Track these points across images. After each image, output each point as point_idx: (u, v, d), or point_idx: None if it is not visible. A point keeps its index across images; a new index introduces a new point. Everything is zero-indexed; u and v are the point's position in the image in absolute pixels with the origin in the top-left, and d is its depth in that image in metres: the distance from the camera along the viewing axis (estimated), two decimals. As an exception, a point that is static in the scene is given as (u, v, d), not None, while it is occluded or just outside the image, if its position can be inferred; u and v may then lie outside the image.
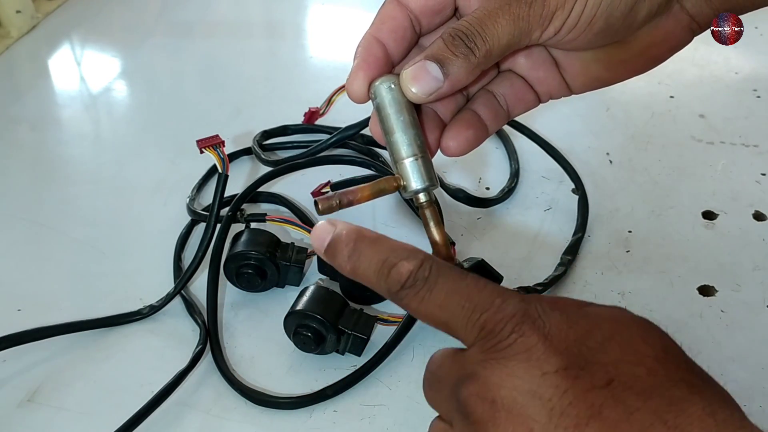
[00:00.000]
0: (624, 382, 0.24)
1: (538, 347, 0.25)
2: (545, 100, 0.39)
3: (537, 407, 0.25)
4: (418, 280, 0.28)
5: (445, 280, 0.28)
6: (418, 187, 0.34)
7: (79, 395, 0.46)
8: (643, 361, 0.25)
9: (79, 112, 0.76)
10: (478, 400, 0.26)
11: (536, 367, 0.25)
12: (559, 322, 0.26)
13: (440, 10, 0.35)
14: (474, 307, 0.27)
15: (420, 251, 0.29)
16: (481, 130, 0.37)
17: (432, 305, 0.28)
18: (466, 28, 0.32)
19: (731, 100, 0.74)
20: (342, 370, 0.47)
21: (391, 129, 0.34)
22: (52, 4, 0.89)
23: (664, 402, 0.24)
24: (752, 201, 0.61)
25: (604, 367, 0.25)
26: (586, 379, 0.25)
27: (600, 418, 0.24)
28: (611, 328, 0.26)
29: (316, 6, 0.94)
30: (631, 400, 0.24)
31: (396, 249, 0.29)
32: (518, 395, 0.25)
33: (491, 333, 0.26)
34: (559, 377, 0.25)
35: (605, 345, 0.25)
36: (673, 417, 0.23)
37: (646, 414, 0.24)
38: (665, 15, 0.34)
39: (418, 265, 0.29)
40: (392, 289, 0.29)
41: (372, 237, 0.30)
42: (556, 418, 0.24)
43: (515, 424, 0.25)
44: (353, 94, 0.35)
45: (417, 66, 0.32)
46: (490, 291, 0.28)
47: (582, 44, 0.34)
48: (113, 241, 0.58)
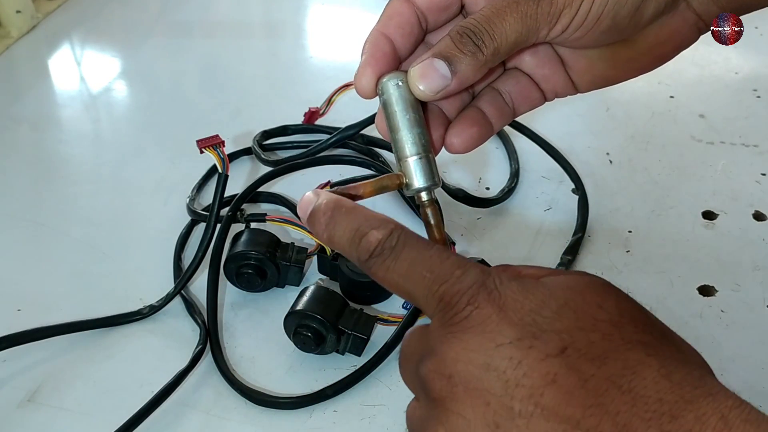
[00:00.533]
0: (578, 349, 0.24)
1: (492, 319, 0.25)
2: (551, 98, 0.39)
3: (492, 380, 0.25)
4: (385, 249, 0.28)
5: (410, 250, 0.28)
6: (421, 186, 0.34)
7: (79, 395, 0.46)
8: (598, 326, 0.25)
9: (79, 112, 0.76)
10: (436, 376, 0.26)
11: (490, 339, 0.25)
12: (515, 293, 0.26)
13: (447, 6, 0.35)
14: (434, 278, 0.27)
15: (391, 221, 0.29)
16: (486, 128, 0.37)
17: (396, 274, 0.28)
18: (474, 26, 0.32)
19: (731, 100, 0.74)
20: (342, 370, 0.47)
21: (396, 126, 0.34)
22: (52, 4, 0.89)
23: (619, 366, 0.24)
24: (752, 201, 0.61)
25: (558, 335, 0.25)
26: (539, 348, 0.25)
27: (555, 386, 0.24)
28: (566, 296, 0.26)
29: (316, 6, 0.94)
30: (586, 366, 0.24)
31: (369, 218, 0.29)
32: (473, 369, 0.25)
33: (449, 305, 0.26)
34: (512, 348, 0.25)
35: (560, 313, 0.25)
36: (627, 381, 0.23)
37: (600, 380, 0.24)
38: (672, 13, 0.34)
39: (387, 234, 0.29)
40: (361, 258, 0.29)
41: (348, 207, 0.30)
42: (512, 389, 0.24)
43: (472, 398, 0.25)
44: (361, 89, 0.35)
45: (425, 63, 0.32)
46: (452, 262, 0.27)
47: (589, 42, 0.34)
48: (113, 241, 0.58)
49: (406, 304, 0.52)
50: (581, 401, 0.23)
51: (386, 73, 0.34)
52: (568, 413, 0.24)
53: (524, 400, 0.24)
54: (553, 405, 0.24)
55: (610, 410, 0.23)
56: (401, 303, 0.52)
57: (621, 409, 0.23)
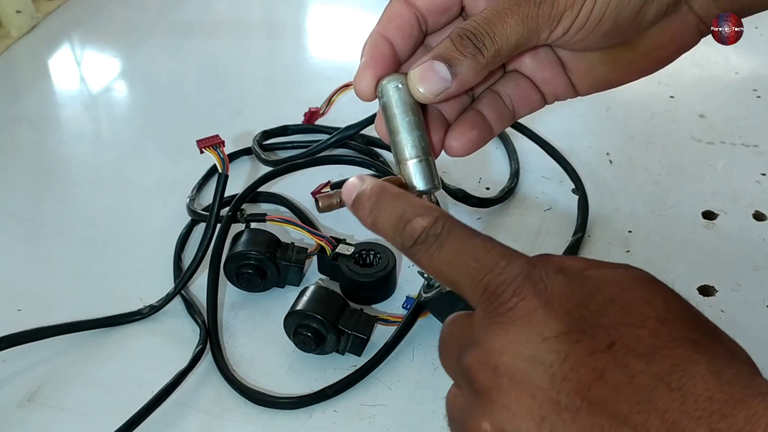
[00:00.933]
0: (626, 345, 0.24)
1: (538, 311, 0.25)
2: (551, 101, 0.39)
3: (539, 373, 0.25)
4: (430, 236, 0.28)
5: (455, 238, 0.28)
6: (421, 189, 0.34)
7: (79, 395, 0.46)
8: (646, 322, 0.25)
9: (79, 112, 0.76)
10: (480, 367, 0.26)
11: (536, 332, 0.25)
12: (561, 286, 0.26)
13: (447, 8, 0.35)
14: (479, 267, 0.27)
15: (437, 209, 0.29)
16: (486, 131, 0.37)
17: (441, 262, 0.28)
18: (475, 28, 0.32)
19: (731, 100, 0.74)
20: (342, 370, 0.47)
21: (396, 129, 0.34)
22: (52, 4, 0.89)
23: (667, 363, 0.23)
24: (752, 201, 0.61)
25: (605, 330, 0.24)
26: (587, 343, 0.24)
27: (602, 382, 0.24)
28: (612, 291, 0.26)
29: (316, 6, 0.94)
30: (633, 362, 0.24)
31: (414, 205, 0.29)
32: (519, 362, 0.25)
33: (493, 295, 0.26)
34: (559, 342, 0.25)
35: (606, 308, 0.25)
36: (676, 378, 0.23)
37: (648, 377, 0.23)
38: (673, 16, 0.34)
39: (432, 221, 0.28)
40: (406, 244, 0.29)
41: (393, 193, 0.30)
42: (558, 383, 0.24)
43: (518, 390, 0.25)
44: (360, 92, 0.35)
45: (425, 66, 0.32)
46: (497, 252, 0.27)
47: (590, 45, 0.34)
48: (113, 241, 0.58)
49: (406, 304, 0.52)
50: (629, 397, 0.23)
51: (386, 75, 0.34)
52: (615, 409, 0.23)
53: (571, 395, 0.24)
54: (601, 400, 0.23)
55: (659, 407, 0.23)
56: (401, 303, 0.52)
57: (670, 407, 0.23)
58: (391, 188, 0.31)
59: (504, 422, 0.25)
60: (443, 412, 0.44)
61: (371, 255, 0.52)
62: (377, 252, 0.52)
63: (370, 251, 0.52)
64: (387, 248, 0.52)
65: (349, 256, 0.51)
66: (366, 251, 0.52)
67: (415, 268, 0.54)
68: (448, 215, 0.29)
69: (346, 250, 0.51)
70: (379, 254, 0.52)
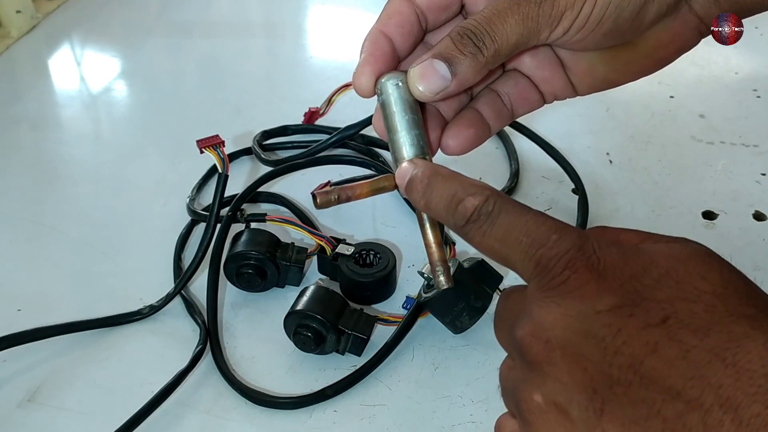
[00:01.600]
0: (680, 320, 0.24)
1: (590, 285, 0.25)
2: (550, 100, 0.39)
3: (591, 346, 0.24)
4: (482, 214, 0.29)
5: (506, 215, 0.28)
6: None
7: (79, 395, 0.46)
8: (701, 297, 0.24)
9: (79, 112, 0.76)
10: (533, 340, 0.26)
11: (589, 305, 0.25)
12: (614, 259, 0.26)
13: (447, 6, 0.35)
14: (531, 242, 0.27)
15: (488, 187, 0.30)
16: (483, 130, 0.37)
17: (493, 239, 0.28)
18: (475, 27, 0.32)
19: (731, 100, 0.74)
20: (342, 370, 0.47)
21: (394, 127, 0.34)
22: (52, 4, 0.89)
23: (722, 339, 0.23)
24: (752, 201, 0.61)
25: (659, 305, 0.24)
26: (640, 317, 0.24)
27: (655, 356, 0.23)
28: (668, 265, 0.25)
29: (316, 6, 0.94)
30: (688, 337, 0.23)
31: (465, 185, 0.30)
32: (572, 334, 0.25)
33: (545, 269, 0.26)
34: (612, 315, 0.24)
35: (661, 282, 0.25)
36: (731, 354, 0.23)
37: (703, 352, 0.23)
38: (673, 16, 0.34)
39: (483, 200, 0.29)
40: (458, 224, 0.29)
41: (445, 174, 0.31)
42: (611, 356, 0.24)
43: (570, 363, 0.25)
44: (359, 88, 0.35)
45: (425, 64, 0.32)
46: (549, 226, 0.27)
47: (590, 45, 0.34)
48: (113, 241, 0.58)
49: (406, 304, 0.52)
50: (682, 372, 0.23)
51: (385, 72, 0.34)
52: (668, 383, 0.23)
53: (623, 368, 0.24)
54: (654, 374, 0.23)
55: (713, 382, 0.22)
56: (401, 303, 0.52)
57: (724, 382, 0.22)
58: (443, 170, 0.31)
59: (556, 394, 0.25)
60: (443, 411, 0.45)
61: (371, 255, 0.52)
62: (377, 252, 0.52)
63: (370, 251, 0.52)
64: (387, 248, 0.52)
65: (349, 256, 0.51)
66: (366, 251, 0.52)
67: (415, 268, 0.54)
68: (499, 193, 0.29)
69: (346, 250, 0.51)
70: (379, 254, 0.52)
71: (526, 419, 0.26)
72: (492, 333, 0.50)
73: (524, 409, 0.26)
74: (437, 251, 0.34)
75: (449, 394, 0.46)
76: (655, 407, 0.23)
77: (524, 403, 0.26)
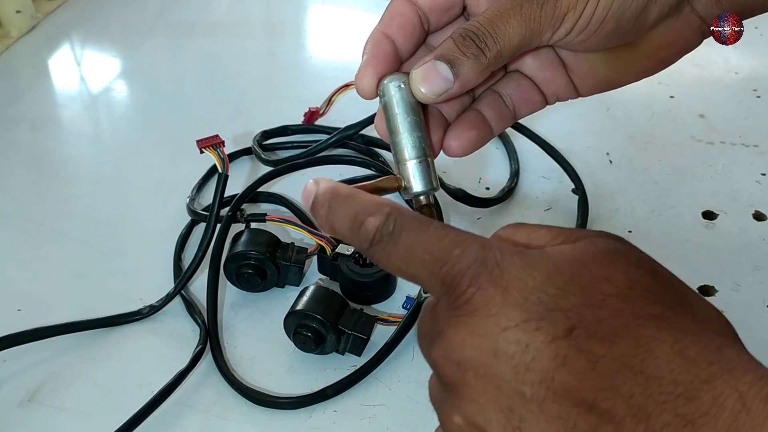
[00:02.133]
0: (587, 329, 0.23)
1: (495, 300, 0.25)
2: (552, 101, 0.39)
3: (501, 365, 0.24)
4: (384, 235, 0.27)
5: (408, 234, 0.27)
6: (420, 190, 0.34)
7: (79, 395, 0.46)
8: (606, 301, 0.24)
9: (79, 112, 0.76)
10: (445, 362, 0.26)
11: (495, 323, 0.24)
12: (517, 270, 0.25)
13: (449, 7, 0.35)
14: (434, 260, 0.26)
15: (387, 204, 0.28)
16: (485, 131, 0.37)
17: (397, 260, 0.27)
18: (477, 29, 0.32)
19: (731, 100, 0.74)
20: (342, 370, 0.47)
21: (396, 129, 0.34)
22: (52, 4, 0.89)
23: (630, 345, 0.23)
24: (752, 201, 0.61)
25: (565, 314, 0.24)
26: (546, 330, 0.24)
27: (565, 369, 0.23)
28: (571, 271, 0.25)
29: (316, 6, 0.94)
30: (596, 347, 0.23)
31: (365, 204, 0.28)
32: (481, 355, 0.25)
33: (451, 287, 0.26)
34: (519, 331, 0.24)
35: (566, 289, 0.24)
36: (639, 361, 0.23)
37: (611, 361, 0.23)
38: (675, 17, 0.34)
39: (383, 219, 0.28)
40: (363, 247, 0.28)
41: (344, 194, 0.29)
42: (522, 374, 0.24)
43: (483, 383, 0.25)
44: (362, 90, 0.34)
45: (427, 66, 0.32)
46: (450, 240, 0.26)
47: (592, 45, 0.34)
48: (113, 241, 0.58)
49: (406, 304, 0.52)
50: (593, 384, 0.23)
51: (387, 74, 0.34)
52: (580, 397, 0.23)
53: (535, 385, 0.24)
54: (565, 389, 0.23)
55: (623, 393, 0.22)
56: (401, 303, 0.52)
57: (634, 392, 0.22)
58: (341, 189, 0.29)
59: (474, 415, 0.25)
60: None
61: (371, 255, 0.52)
62: (377, 252, 0.52)
63: (370, 251, 0.52)
64: (387, 248, 0.52)
65: (349, 256, 0.51)
66: (366, 251, 0.52)
67: (415, 268, 0.54)
68: (399, 209, 0.28)
69: (346, 250, 0.51)
70: (379, 254, 0.52)
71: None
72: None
73: (447, 430, 0.26)
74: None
75: (449, 394, 0.46)
76: (570, 422, 0.23)
77: (447, 425, 0.26)
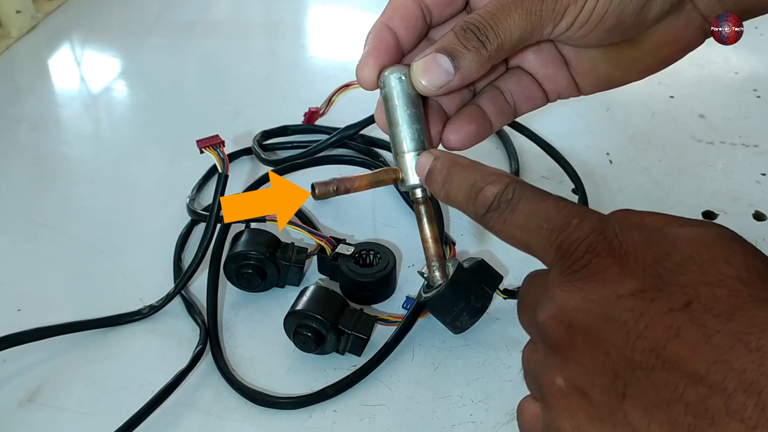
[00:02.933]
0: (703, 304, 0.23)
1: (612, 269, 0.25)
2: (553, 99, 0.39)
3: (613, 331, 0.24)
4: (502, 202, 0.29)
5: (526, 202, 0.28)
6: (416, 182, 0.34)
7: (79, 395, 0.46)
8: (725, 281, 0.24)
9: (79, 112, 0.76)
10: (554, 324, 0.26)
11: (611, 289, 0.25)
12: (636, 242, 0.25)
13: (451, 1, 0.35)
14: (552, 227, 0.27)
15: (507, 175, 0.29)
16: (484, 126, 0.37)
17: (514, 227, 0.28)
18: (478, 22, 0.32)
19: (731, 100, 0.74)
20: (342, 370, 0.47)
21: (396, 121, 0.34)
22: (52, 4, 0.89)
23: (746, 323, 0.23)
24: (752, 201, 0.61)
25: (682, 289, 0.24)
26: (662, 301, 0.24)
27: (678, 340, 0.23)
28: (691, 249, 0.25)
29: (316, 6, 0.94)
30: (711, 322, 0.23)
31: (484, 173, 0.30)
32: (594, 319, 0.25)
33: (567, 253, 0.26)
34: (634, 300, 0.24)
35: (684, 266, 0.25)
36: (755, 339, 0.22)
37: (726, 336, 0.23)
38: (677, 14, 0.34)
39: (503, 188, 0.29)
40: (479, 212, 0.29)
41: (464, 163, 0.31)
42: (633, 341, 0.24)
43: (592, 347, 0.25)
44: (362, 81, 0.35)
45: (428, 58, 0.32)
46: (569, 211, 0.27)
47: (593, 41, 0.34)
48: (113, 241, 0.58)
49: (406, 304, 0.52)
50: (705, 356, 0.23)
51: (389, 65, 0.34)
52: (691, 368, 0.23)
53: (645, 352, 0.24)
54: (676, 359, 0.23)
55: (736, 367, 0.22)
56: (401, 303, 0.52)
57: (748, 367, 0.22)
58: (461, 159, 0.31)
59: (578, 378, 0.25)
60: (443, 411, 0.45)
61: (371, 255, 0.52)
62: (377, 252, 0.52)
63: (370, 251, 0.52)
64: (387, 248, 0.52)
65: (349, 256, 0.51)
66: (366, 251, 0.52)
67: (415, 268, 0.54)
68: (518, 180, 0.29)
69: (346, 250, 0.51)
70: (379, 254, 0.52)
71: (548, 402, 0.26)
72: (492, 333, 0.50)
73: (546, 392, 0.26)
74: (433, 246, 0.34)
75: (449, 394, 0.46)
76: (678, 391, 0.23)
77: (546, 387, 0.26)
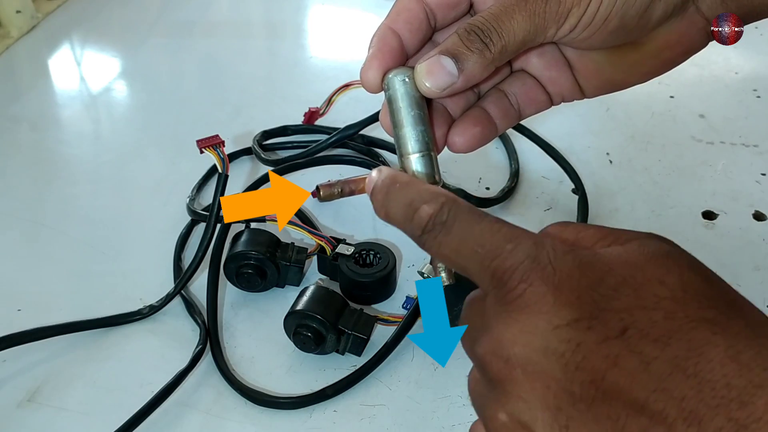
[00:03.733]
0: (640, 330, 0.23)
1: (547, 298, 0.25)
2: (557, 102, 0.39)
3: (552, 363, 0.24)
4: (437, 224, 0.28)
5: (461, 224, 0.27)
6: None
7: (79, 395, 0.46)
8: (660, 304, 0.24)
9: (79, 112, 0.76)
10: (493, 358, 0.26)
11: (546, 320, 0.24)
12: (570, 269, 0.25)
13: (456, 4, 0.35)
14: (486, 252, 0.26)
15: (443, 194, 0.29)
16: (489, 128, 0.37)
17: (449, 249, 0.28)
18: (482, 24, 0.32)
19: (731, 100, 0.74)
20: (342, 370, 0.47)
21: (400, 122, 0.34)
22: (52, 4, 0.89)
23: (683, 348, 0.23)
24: (752, 201, 0.61)
25: (617, 315, 0.24)
26: (599, 329, 0.24)
27: (616, 370, 0.23)
28: (625, 272, 0.25)
29: (316, 6, 0.94)
30: (648, 348, 0.23)
31: (421, 192, 0.29)
32: (531, 352, 0.24)
33: (501, 282, 0.26)
34: (571, 330, 0.24)
35: (619, 290, 0.24)
36: (693, 364, 0.22)
37: (663, 363, 0.23)
38: (680, 17, 0.34)
39: (438, 208, 0.28)
40: (415, 234, 0.29)
41: (403, 181, 0.30)
42: (572, 373, 0.24)
43: (532, 381, 0.24)
44: (367, 83, 0.35)
45: (432, 60, 0.32)
46: (503, 235, 0.26)
47: (596, 43, 0.34)
48: (113, 241, 0.58)
49: (406, 304, 0.52)
50: (645, 385, 0.23)
51: (393, 68, 0.34)
52: (631, 397, 0.23)
53: (585, 384, 0.23)
54: (616, 389, 0.23)
55: (675, 395, 0.22)
56: (401, 303, 0.52)
57: (687, 394, 0.22)
58: (401, 177, 0.30)
59: (520, 413, 0.25)
60: (443, 411, 0.45)
61: (371, 255, 0.52)
62: (377, 252, 0.52)
63: (370, 251, 0.52)
64: (387, 248, 0.52)
65: (349, 256, 0.51)
66: (366, 251, 0.52)
67: (415, 268, 0.54)
68: (455, 199, 0.28)
69: (346, 250, 0.51)
70: (379, 254, 0.52)
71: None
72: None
73: (491, 427, 0.26)
74: None
75: (449, 394, 0.46)
76: (620, 423, 0.23)
77: (490, 422, 0.26)
